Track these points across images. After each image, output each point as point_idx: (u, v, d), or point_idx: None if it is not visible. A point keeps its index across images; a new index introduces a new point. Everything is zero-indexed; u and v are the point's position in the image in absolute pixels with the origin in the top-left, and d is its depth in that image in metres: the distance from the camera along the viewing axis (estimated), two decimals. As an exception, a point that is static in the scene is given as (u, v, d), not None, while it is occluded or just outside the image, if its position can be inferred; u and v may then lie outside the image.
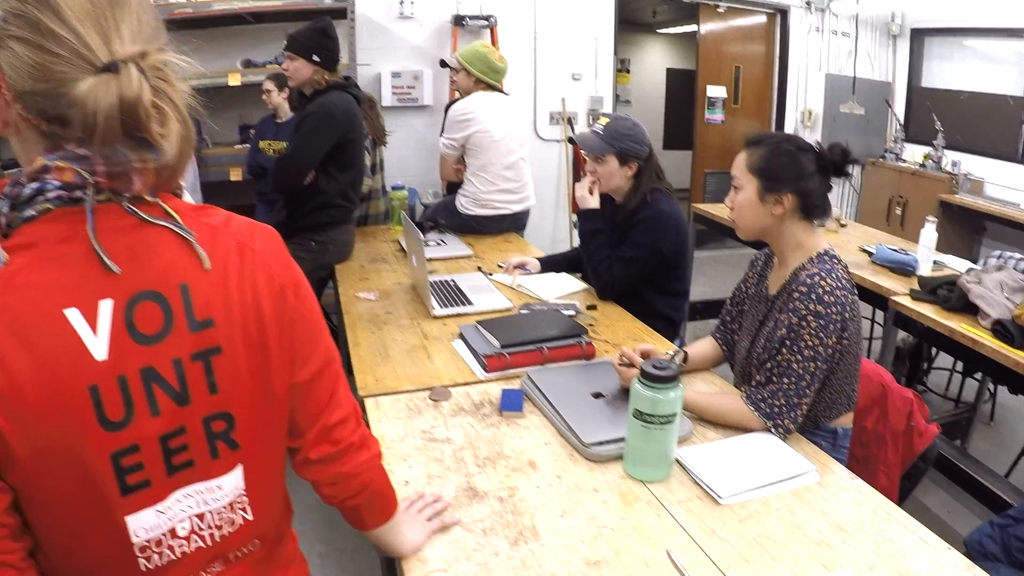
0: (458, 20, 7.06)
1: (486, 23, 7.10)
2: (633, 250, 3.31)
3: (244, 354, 1.16)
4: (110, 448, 1.05)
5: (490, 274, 3.81)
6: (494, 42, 7.01)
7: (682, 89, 11.61)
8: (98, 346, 1.03)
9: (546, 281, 3.67)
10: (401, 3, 7.05)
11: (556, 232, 7.75)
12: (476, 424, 2.27)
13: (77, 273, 1.03)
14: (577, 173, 7.58)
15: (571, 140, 3.43)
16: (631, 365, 2.33)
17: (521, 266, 3.82)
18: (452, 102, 5.60)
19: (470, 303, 3.29)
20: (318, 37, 3.95)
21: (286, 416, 1.27)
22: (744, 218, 2.39)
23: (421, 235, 3.24)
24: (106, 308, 1.04)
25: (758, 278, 2.56)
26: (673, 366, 1.90)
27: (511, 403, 2.35)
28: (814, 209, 2.33)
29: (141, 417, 1.06)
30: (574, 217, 7.61)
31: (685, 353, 2.62)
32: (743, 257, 7.45)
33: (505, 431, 2.23)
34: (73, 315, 1.02)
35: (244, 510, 1.23)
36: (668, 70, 13.00)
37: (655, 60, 13.03)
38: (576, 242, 7.52)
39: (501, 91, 4.89)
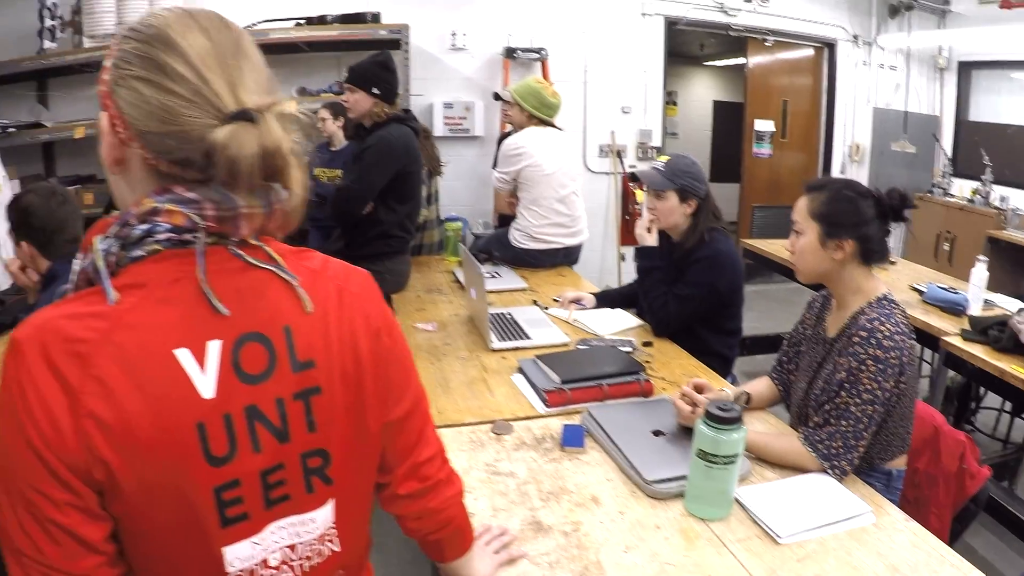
0: (509, 52, 7.15)
1: (537, 56, 7.18)
2: (690, 288, 3.35)
3: (341, 394, 1.19)
4: (213, 483, 1.08)
5: (546, 308, 3.85)
6: (545, 75, 7.09)
7: (728, 122, 11.57)
8: (206, 384, 1.06)
9: (601, 316, 3.71)
10: (453, 35, 7.16)
11: (604, 264, 7.78)
12: (539, 458, 2.31)
13: (187, 314, 1.07)
14: (626, 206, 7.62)
15: (633, 175, 3.46)
16: (692, 404, 2.37)
17: (576, 301, 3.86)
18: (505, 134, 5.66)
19: (528, 337, 3.34)
20: (378, 70, 4.04)
21: (378, 453, 1.32)
22: (805, 262, 2.43)
23: (482, 269, 3.29)
24: (214, 348, 1.08)
25: (815, 320, 2.59)
26: (737, 408, 1.94)
27: (573, 439, 2.39)
28: (873, 254, 2.37)
29: (244, 453, 1.10)
30: (622, 250, 7.66)
31: (748, 395, 2.66)
32: (790, 292, 7.49)
33: (567, 466, 2.27)
34: (183, 355, 1.05)
35: (332, 542, 1.26)
36: (715, 102, 12.99)
37: (702, 92, 13.03)
38: (624, 275, 7.63)
39: (554, 126, 4.93)
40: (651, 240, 3.51)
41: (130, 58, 1.07)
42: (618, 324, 3.60)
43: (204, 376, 1.06)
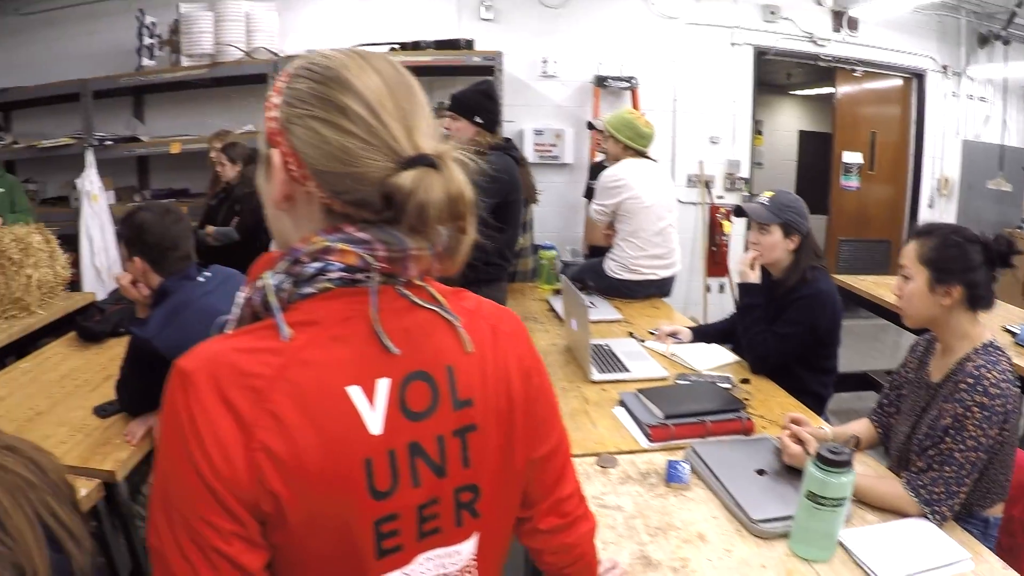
0: (600, 81, 7.24)
1: (627, 85, 7.25)
2: (790, 327, 3.36)
3: (494, 431, 1.22)
4: (374, 516, 1.10)
5: (642, 340, 3.90)
6: (635, 104, 7.15)
7: (814, 152, 11.48)
8: (374, 421, 1.09)
9: (698, 351, 3.74)
10: (544, 62, 7.27)
11: (690, 295, 7.78)
12: (644, 493, 2.37)
13: (358, 352, 1.09)
14: (713, 237, 7.64)
15: (738, 209, 3.47)
16: (798, 441, 2.41)
17: (673, 334, 3.89)
18: (596, 164, 5.73)
19: (627, 370, 3.39)
20: (481, 99, 4.10)
21: (522, 488, 1.35)
22: (912, 307, 2.46)
23: (585, 301, 3.35)
24: (383, 386, 1.10)
25: (918, 363, 2.61)
26: (847, 451, 1.97)
27: (678, 475, 2.43)
28: (980, 300, 2.39)
29: (404, 488, 1.12)
30: (708, 281, 7.67)
31: (857, 438, 2.66)
32: (875, 329, 7.44)
33: (673, 502, 2.32)
34: (354, 392, 1.08)
35: (471, 573, 1.28)
36: (800, 132, 12.84)
37: (787, 122, 12.89)
38: (710, 307, 7.63)
39: (648, 156, 4.98)
40: (754, 277, 3.53)
41: (305, 97, 1.11)
42: (715, 359, 3.63)
43: (373, 413, 1.09)
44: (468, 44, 6.73)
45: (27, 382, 3.60)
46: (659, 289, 4.98)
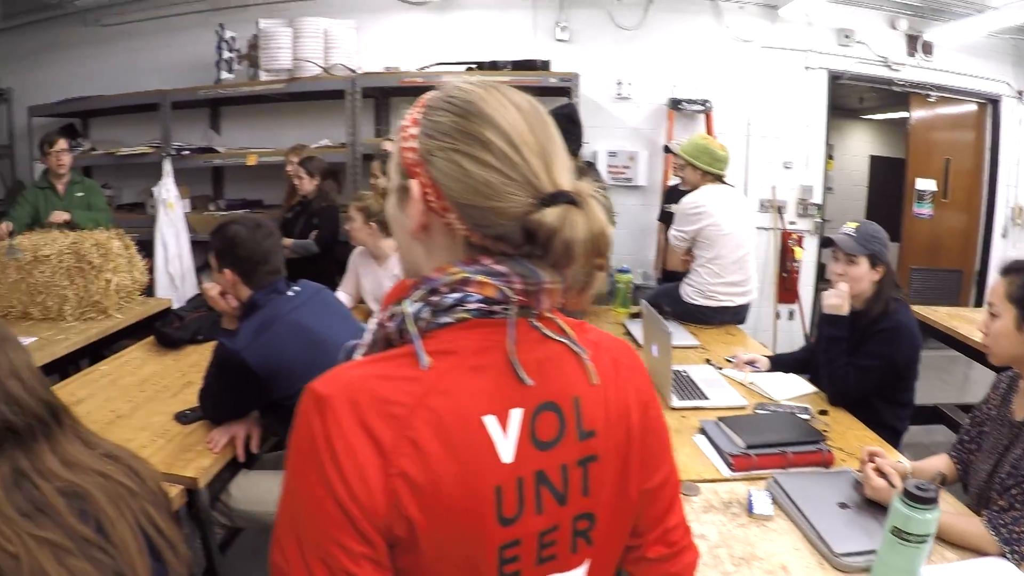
0: (674, 104, 7.24)
1: (701, 108, 7.25)
2: (871, 360, 3.34)
3: (613, 461, 1.24)
4: (499, 541, 1.12)
5: (719, 368, 3.91)
6: (709, 127, 7.17)
7: (884, 178, 11.36)
8: (506, 450, 1.11)
9: (776, 380, 3.73)
10: (619, 84, 7.32)
11: (759, 321, 7.69)
12: (727, 522, 2.39)
13: (494, 383, 1.12)
14: (784, 264, 7.59)
15: (827, 240, 3.45)
16: (881, 475, 2.40)
17: (751, 363, 3.90)
18: (672, 188, 5.72)
19: (706, 397, 3.41)
20: (564, 122, 4.09)
21: (634, 517, 1.37)
22: (999, 345, 2.45)
23: (668, 327, 3.36)
24: (516, 416, 1.12)
25: (1001, 401, 2.60)
26: (934, 488, 1.97)
27: (760, 505, 2.45)
28: None
29: (528, 515, 1.14)
30: (777, 307, 7.62)
31: (944, 475, 2.63)
32: (945, 360, 7.35)
33: (755, 532, 2.34)
34: (489, 421, 1.10)
35: None
36: (871, 157, 12.70)
37: (858, 147, 12.76)
38: (780, 334, 7.57)
39: (725, 181, 5.00)
40: (845, 309, 3.48)
41: (447, 130, 1.13)
42: (793, 389, 3.63)
43: (505, 442, 1.12)
44: (544, 65, 6.81)
45: (107, 384, 3.69)
46: (734, 316, 4.98)
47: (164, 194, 7.19)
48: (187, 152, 7.56)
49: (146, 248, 5.84)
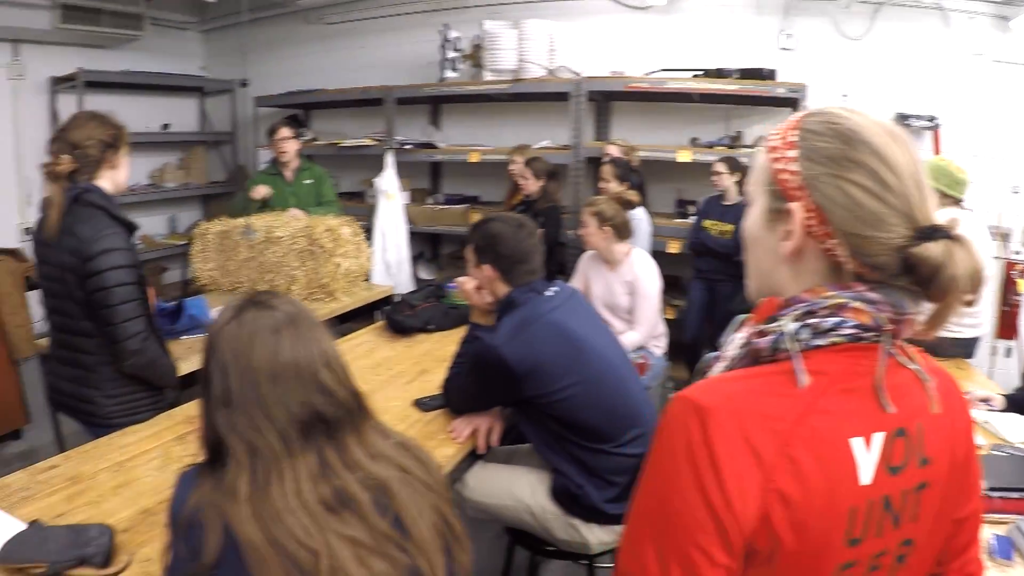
0: (901, 119, 6.93)
1: (929, 125, 6.92)
2: None
3: (938, 489, 1.26)
4: (840, 561, 1.17)
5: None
6: (936, 146, 6.83)
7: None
8: (866, 473, 1.15)
9: (1010, 421, 3.49)
10: (844, 97, 7.04)
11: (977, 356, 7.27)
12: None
13: (863, 407, 1.17)
14: (1006, 296, 7.26)
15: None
16: None
17: (985, 400, 3.69)
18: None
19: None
20: None
21: (942, 545, 1.36)
22: None
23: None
24: (878, 440, 1.17)
25: None
26: None
27: (1002, 550, 2.36)
28: None
29: (870, 537, 1.18)
30: (994, 342, 7.31)
31: None
32: None
33: (993, 574, 2.26)
34: (856, 444, 1.15)
35: None
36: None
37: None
38: (996, 370, 7.22)
39: (963, 206, 4.75)
40: None
41: (833, 155, 1.16)
42: (1029, 432, 3.38)
43: (867, 465, 1.16)
44: (771, 74, 6.64)
45: (342, 366, 3.82)
46: (964, 349, 4.74)
47: (385, 185, 7.43)
48: (409, 146, 7.82)
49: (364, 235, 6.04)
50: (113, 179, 3.29)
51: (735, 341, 1.27)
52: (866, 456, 1.16)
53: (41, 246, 3.32)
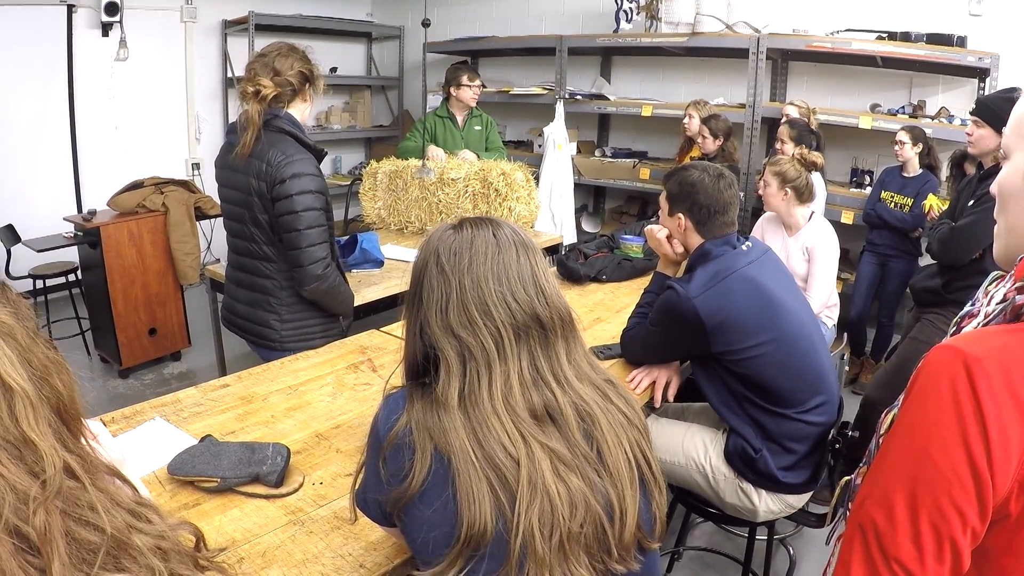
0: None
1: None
2: None
3: None
4: None
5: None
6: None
7: None
8: None
9: None
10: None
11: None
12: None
13: None
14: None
15: None
16: None
17: None
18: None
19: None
20: (1011, 108, 3.85)
21: None
22: None
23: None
24: None
25: None
26: None
27: None
28: None
29: None
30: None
31: None
32: None
33: None
34: None
35: None
36: None
37: None
38: None
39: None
40: None
41: None
42: None
43: None
44: (961, 41, 6.24)
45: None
46: None
47: (554, 135, 7.39)
48: (579, 97, 7.76)
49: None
50: (301, 112, 3.35)
51: (996, 294, 1.23)
52: None
53: (226, 171, 3.41)
